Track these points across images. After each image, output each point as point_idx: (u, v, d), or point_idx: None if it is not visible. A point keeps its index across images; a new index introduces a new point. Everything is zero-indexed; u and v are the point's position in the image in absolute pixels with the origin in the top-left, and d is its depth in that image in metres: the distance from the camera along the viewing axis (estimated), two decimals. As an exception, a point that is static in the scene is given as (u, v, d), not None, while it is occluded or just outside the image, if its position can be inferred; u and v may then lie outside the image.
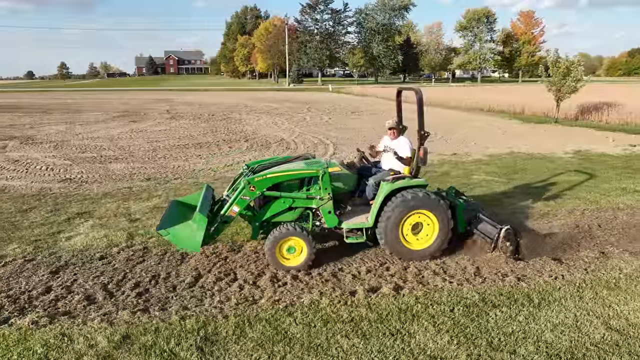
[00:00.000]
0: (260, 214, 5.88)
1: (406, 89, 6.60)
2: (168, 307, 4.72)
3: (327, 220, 5.83)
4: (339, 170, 6.00)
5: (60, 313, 4.60)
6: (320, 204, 5.75)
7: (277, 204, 5.79)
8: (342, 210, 6.05)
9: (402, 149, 6.13)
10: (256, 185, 5.57)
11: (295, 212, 5.91)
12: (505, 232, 5.73)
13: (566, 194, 9.06)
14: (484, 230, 6.10)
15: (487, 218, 6.23)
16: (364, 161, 6.59)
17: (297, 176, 5.81)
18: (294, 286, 5.23)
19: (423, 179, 6.04)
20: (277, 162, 6.39)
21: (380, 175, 6.08)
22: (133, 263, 5.86)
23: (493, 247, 5.82)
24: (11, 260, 5.91)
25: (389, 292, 4.96)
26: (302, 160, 6.39)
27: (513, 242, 5.76)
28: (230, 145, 14.79)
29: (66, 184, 10.08)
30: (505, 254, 5.77)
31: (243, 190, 5.57)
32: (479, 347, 3.98)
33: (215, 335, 4.21)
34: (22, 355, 3.89)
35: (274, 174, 5.72)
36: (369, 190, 6.03)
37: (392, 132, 6.28)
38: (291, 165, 6.12)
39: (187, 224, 5.42)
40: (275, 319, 4.47)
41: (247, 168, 6.34)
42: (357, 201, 6.21)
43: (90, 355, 3.91)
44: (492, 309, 4.62)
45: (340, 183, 5.98)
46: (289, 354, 3.93)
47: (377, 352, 3.94)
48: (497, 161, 12.54)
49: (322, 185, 5.68)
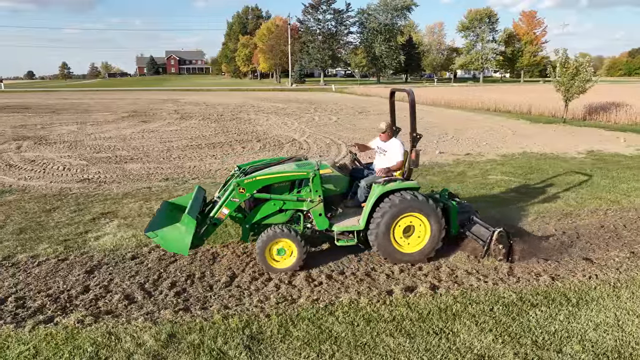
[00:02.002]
0: (251, 216, 5.81)
1: (399, 90, 6.52)
2: (209, 306, 4.76)
3: (318, 222, 5.75)
4: (330, 172, 5.91)
5: (102, 312, 4.64)
6: (310, 206, 5.68)
7: (267, 206, 5.73)
8: (333, 213, 5.97)
9: (394, 151, 6.07)
10: (246, 187, 5.51)
11: (286, 215, 5.85)
12: (497, 234, 5.66)
13: (586, 194, 9.10)
14: (477, 232, 6.02)
15: (481, 220, 6.16)
16: (356, 163, 6.51)
17: (287, 178, 5.73)
18: (330, 285, 5.27)
19: (415, 182, 5.93)
20: (269, 164, 6.33)
21: (372, 178, 5.99)
22: (166, 263, 5.90)
23: (485, 250, 5.74)
24: (45, 260, 5.95)
25: (426, 292, 5.00)
26: (293, 161, 6.32)
27: (506, 244, 5.69)
28: (243, 146, 14.82)
29: (85, 184, 10.11)
30: (497, 257, 5.69)
31: (233, 192, 5.51)
32: (524, 346, 4.01)
33: (260, 334, 4.25)
34: (73, 354, 3.92)
35: (263, 176, 5.65)
36: (361, 193, 5.95)
37: (385, 134, 6.17)
38: (282, 167, 6.03)
39: (176, 227, 5.33)
40: (317, 318, 4.51)
41: (238, 169, 6.29)
42: (349, 203, 6.13)
43: (140, 354, 3.95)
44: (531, 308, 4.66)
45: (332, 185, 5.91)
46: (337, 352, 3.97)
47: (425, 351, 3.98)
48: (512, 161, 12.58)
49: (313, 188, 5.61)
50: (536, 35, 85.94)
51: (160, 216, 5.81)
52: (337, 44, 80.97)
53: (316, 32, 78.67)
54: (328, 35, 78.40)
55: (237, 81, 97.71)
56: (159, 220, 5.63)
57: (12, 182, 10.19)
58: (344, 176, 6.15)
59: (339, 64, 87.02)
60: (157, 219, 5.67)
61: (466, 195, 9.12)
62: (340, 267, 5.78)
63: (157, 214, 5.99)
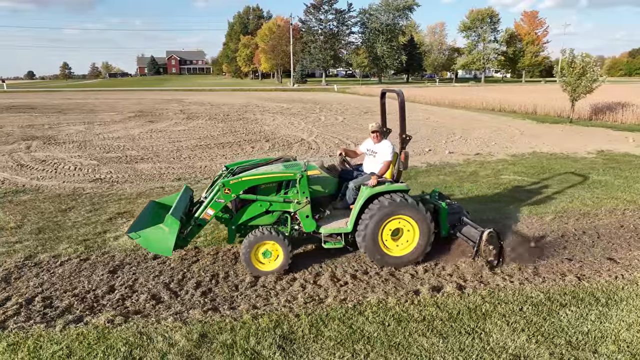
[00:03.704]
0: (237, 217, 5.72)
1: (389, 91, 6.42)
2: (236, 306, 4.75)
3: (305, 224, 5.67)
4: (318, 174, 5.84)
5: (131, 312, 4.63)
6: (297, 207, 5.59)
7: (254, 207, 5.66)
8: (321, 215, 5.87)
9: (384, 153, 5.97)
10: (231, 188, 5.43)
11: (272, 216, 5.77)
12: (487, 235, 5.55)
13: (601, 193, 9.08)
14: (467, 233, 5.92)
15: (471, 221, 6.06)
16: (346, 164, 6.39)
17: (273, 179, 5.65)
18: (356, 285, 5.26)
19: (404, 184, 5.82)
20: (257, 164, 6.28)
21: (361, 179, 5.91)
22: (188, 263, 5.89)
23: (475, 250, 5.63)
24: (67, 260, 5.94)
25: (453, 292, 4.99)
26: (281, 162, 6.25)
27: (496, 245, 5.58)
28: (253, 146, 14.81)
29: (98, 184, 10.11)
30: (486, 258, 5.58)
31: (218, 193, 5.44)
32: (559, 347, 4.00)
33: (292, 334, 4.23)
34: (107, 354, 3.91)
35: (249, 177, 5.57)
36: (349, 194, 5.87)
37: (375, 135, 6.06)
38: (269, 168, 5.97)
39: (158, 227, 5.19)
40: (347, 317, 4.50)
41: (226, 169, 6.22)
42: (338, 205, 6.03)
43: (174, 354, 3.94)
44: (561, 308, 4.65)
45: (320, 186, 5.83)
46: (372, 352, 3.96)
47: (459, 351, 3.97)
48: (523, 161, 12.57)
49: (300, 189, 5.53)
50: (538, 36, 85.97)
51: (144, 216, 5.68)
52: (339, 44, 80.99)
53: (318, 32, 78.66)
54: (330, 35, 78.40)
55: (239, 81, 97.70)
56: (142, 220, 5.49)
57: (25, 182, 10.18)
58: (333, 177, 6.06)
59: (340, 64, 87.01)
60: (141, 220, 5.52)
61: (481, 195, 9.13)
62: (363, 267, 5.76)
63: (141, 213, 5.86)
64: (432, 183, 10.01)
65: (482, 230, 5.63)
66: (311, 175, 5.72)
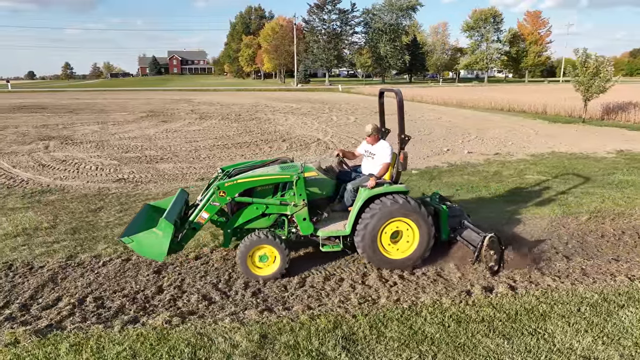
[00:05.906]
0: (233, 220, 5.59)
1: (387, 91, 6.29)
2: (290, 307, 4.71)
3: (302, 227, 5.54)
4: (315, 175, 5.69)
5: (185, 313, 4.60)
6: (294, 210, 5.46)
7: (250, 210, 5.52)
8: (318, 217, 5.73)
9: (382, 154, 5.81)
10: (226, 191, 5.31)
11: (269, 219, 5.64)
12: (488, 240, 5.37)
13: (632, 193, 9.04)
14: (468, 237, 5.76)
15: (472, 225, 5.90)
16: (344, 166, 6.23)
17: (269, 181, 5.52)
18: (406, 286, 5.22)
19: (403, 185, 5.67)
20: (253, 166, 6.15)
21: (359, 181, 5.77)
22: (231, 263, 5.85)
23: (476, 255, 5.49)
24: (109, 260, 5.91)
25: (506, 292, 4.96)
26: (278, 164, 6.14)
27: (497, 251, 5.42)
28: (270, 146, 14.78)
29: (122, 184, 10.08)
30: (488, 264, 5.43)
31: (213, 196, 5.33)
32: (627, 348, 3.96)
33: (353, 335, 4.20)
34: (172, 355, 3.88)
35: (245, 179, 5.44)
36: (348, 196, 5.74)
37: (372, 136, 5.89)
38: (265, 170, 5.85)
39: (152, 231, 5.01)
40: (404, 318, 4.47)
41: (222, 172, 6.10)
42: (336, 207, 5.91)
43: (238, 355, 3.90)
44: (619, 308, 4.61)
45: (317, 188, 5.70)
46: (439, 353, 3.92)
47: (526, 352, 3.93)
48: (544, 161, 12.53)
49: (297, 191, 5.39)
50: (541, 35, 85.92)
51: (137, 220, 5.56)
52: (342, 44, 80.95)
53: (321, 32, 78.63)
54: (333, 35, 78.36)
55: (241, 81, 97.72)
56: (136, 224, 5.36)
57: (49, 182, 10.16)
58: (330, 179, 5.94)
59: (344, 64, 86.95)
60: (134, 224, 5.39)
61: (508, 194, 9.10)
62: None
63: (135, 217, 5.74)
64: (457, 183, 9.98)
65: (483, 235, 5.47)
66: (308, 177, 5.55)
